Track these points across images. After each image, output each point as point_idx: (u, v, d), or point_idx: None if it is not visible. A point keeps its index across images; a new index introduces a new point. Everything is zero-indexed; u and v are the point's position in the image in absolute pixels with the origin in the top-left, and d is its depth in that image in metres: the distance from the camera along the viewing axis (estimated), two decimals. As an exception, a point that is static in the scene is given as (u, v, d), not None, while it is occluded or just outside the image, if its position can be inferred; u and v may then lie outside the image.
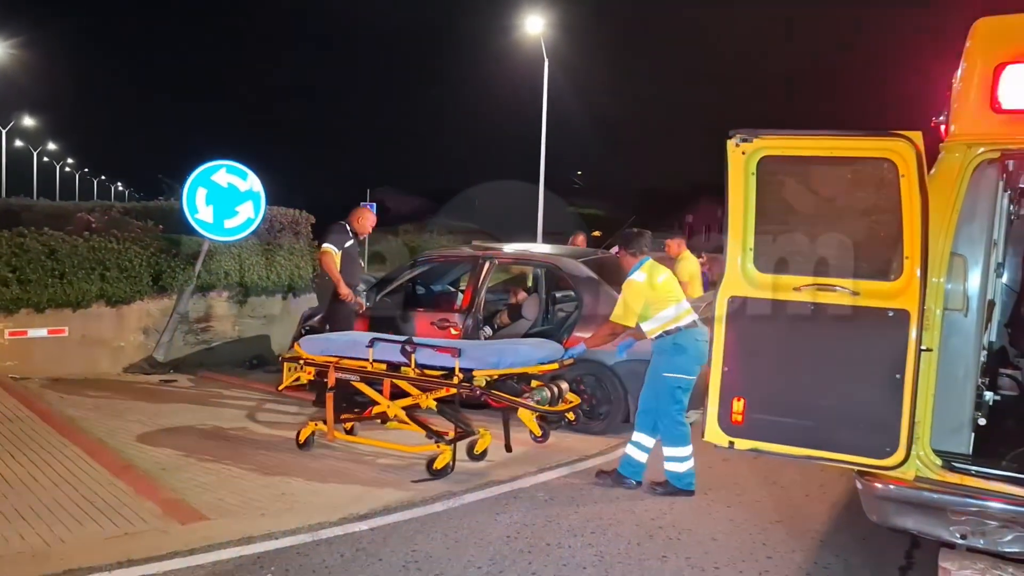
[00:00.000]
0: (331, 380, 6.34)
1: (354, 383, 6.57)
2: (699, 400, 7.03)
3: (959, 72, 3.96)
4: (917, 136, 3.61)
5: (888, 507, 3.87)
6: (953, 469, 3.79)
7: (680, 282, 9.21)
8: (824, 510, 5.62)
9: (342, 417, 6.62)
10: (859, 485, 3.94)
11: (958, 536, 3.69)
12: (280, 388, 7.06)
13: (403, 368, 6.22)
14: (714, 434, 4.06)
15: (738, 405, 4.00)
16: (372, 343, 6.27)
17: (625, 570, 4.50)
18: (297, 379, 6.64)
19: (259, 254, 11.21)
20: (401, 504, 5.38)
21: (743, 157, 3.93)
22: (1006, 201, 5.09)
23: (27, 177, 60.59)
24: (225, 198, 10.01)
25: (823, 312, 3.87)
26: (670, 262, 9.76)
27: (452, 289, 9.64)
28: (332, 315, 7.89)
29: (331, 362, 6.39)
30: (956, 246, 3.86)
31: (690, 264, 9.79)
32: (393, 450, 6.45)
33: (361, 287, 9.20)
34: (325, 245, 7.82)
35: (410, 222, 49.00)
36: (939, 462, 3.80)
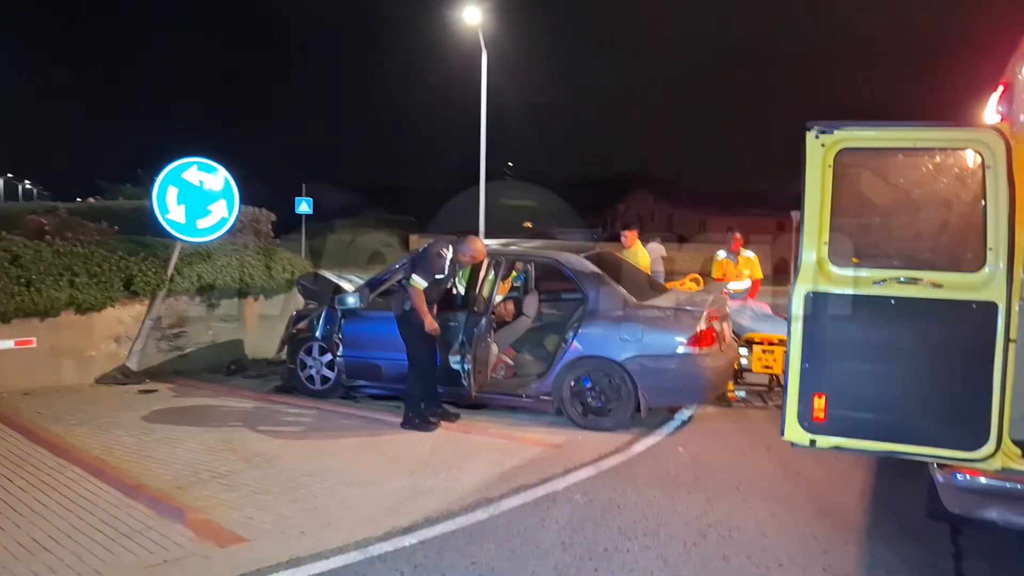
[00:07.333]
0: None
1: None
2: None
3: (1029, 63, 3.96)
4: (1006, 127, 3.60)
5: (972, 499, 3.87)
6: None
7: None
8: (855, 500, 5.65)
9: None
10: (939, 478, 3.93)
11: (1046, 526, 3.70)
12: None
13: None
14: (795, 432, 4.00)
15: (819, 402, 3.94)
16: None
17: (693, 573, 4.41)
18: None
19: (229, 255, 10.76)
20: (441, 514, 5.19)
21: (822, 150, 3.86)
22: None
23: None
24: (197, 197, 9.56)
25: (905, 306, 3.84)
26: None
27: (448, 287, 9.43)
28: (411, 338, 7.35)
29: None
30: None
31: (642, 256, 9.93)
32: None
33: (348, 286, 8.93)
34: (414, 278, 7.12)
35: (345, 216, 48.12)
36: (1019, 452, 3.81)
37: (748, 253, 10.69)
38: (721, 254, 10.85)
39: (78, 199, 22.78)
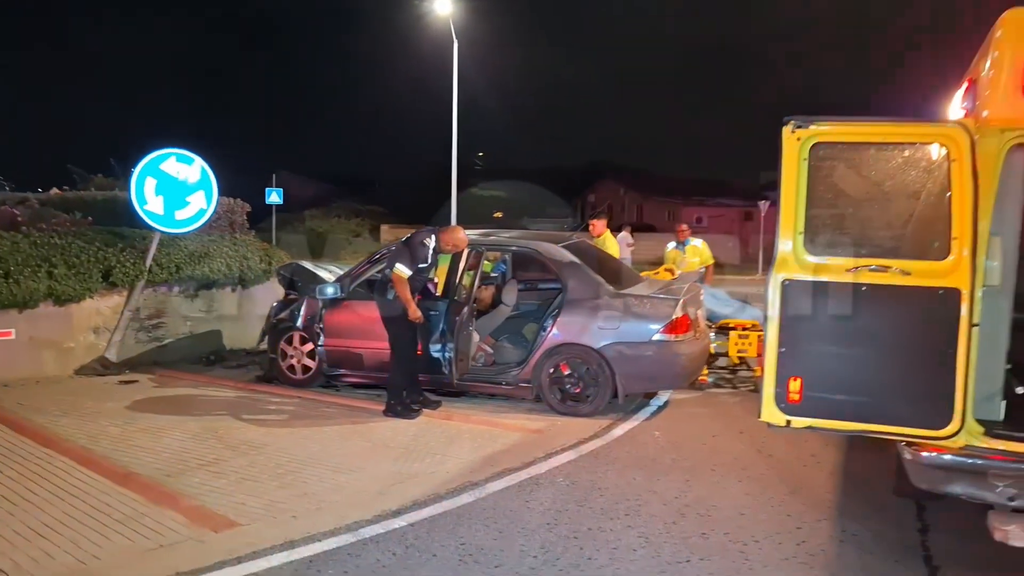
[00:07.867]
0: None
1: None
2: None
3: (988, 60, 4.16)
4: (970, 123, 3.80)
5: (938, 475, 4.08)
6: (995, 436, 4.03)
7: None
8: (825, 479, 5.88)
9: None
10: (907, 455, 4.14)
11: (1006, 499, 3.92)
12: None
13: None
14: (771, 414, 4.19)
15: (795, 385, 4.13)
16: None
17: (674, 550, 4.59)
18: None
19: (206, 246, 10.76)
20: (428, 497, 5.33)
21: (798, 143, 4.04)
22: None
23: None
24: (175, 188, 9.56)
25: (876, 292, 4.04)
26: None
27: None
28: (393, 327, 7.43)
29: None
30: (991, 226, 4.09)
31: (610, 244, 10.20)
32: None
33: (327, 276, 9.02)
34: (398, 267, 7.17)
35: (314, 207, 47.73)
36: (982, 430, 4.03)
37: (696, 242, 11.20)
38: (671, 245, 11.33)
39: (39, 188, 22.33)
